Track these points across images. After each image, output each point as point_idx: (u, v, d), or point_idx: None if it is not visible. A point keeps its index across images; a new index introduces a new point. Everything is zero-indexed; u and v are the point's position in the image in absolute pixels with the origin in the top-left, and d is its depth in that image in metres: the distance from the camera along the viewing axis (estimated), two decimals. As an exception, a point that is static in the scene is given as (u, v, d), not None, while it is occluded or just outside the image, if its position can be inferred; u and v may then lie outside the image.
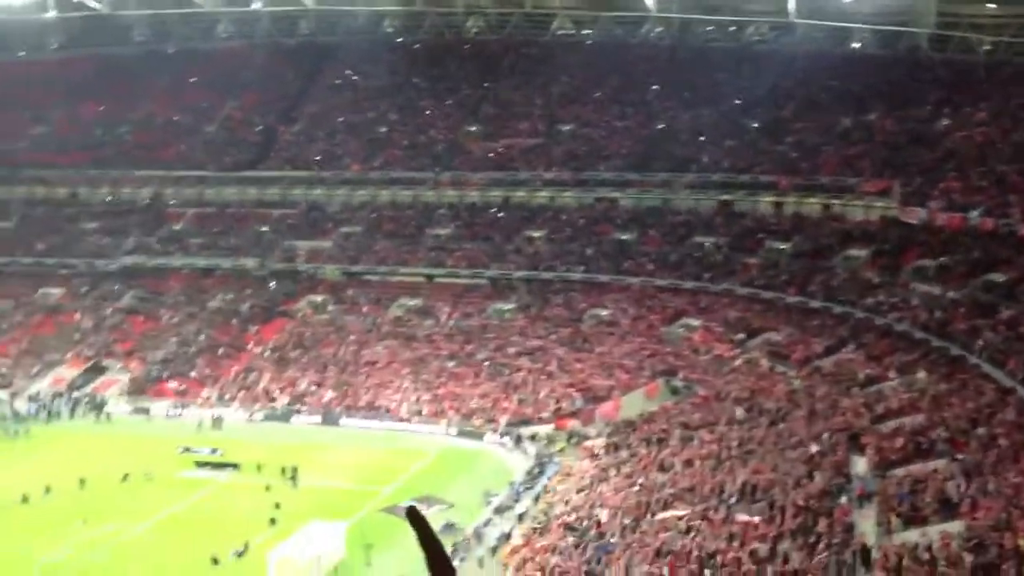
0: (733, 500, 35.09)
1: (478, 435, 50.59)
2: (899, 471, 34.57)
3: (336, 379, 56.57)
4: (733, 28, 67.96)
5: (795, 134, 63.94)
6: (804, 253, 57.94)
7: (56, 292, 67.31)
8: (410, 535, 4.57)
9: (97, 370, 59.73)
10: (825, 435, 40.73)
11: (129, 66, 79.82)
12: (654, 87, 70.23)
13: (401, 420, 52.60)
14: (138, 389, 57.69)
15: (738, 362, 51.72)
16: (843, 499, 33.93)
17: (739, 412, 45.84)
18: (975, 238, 51.34)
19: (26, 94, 78.51)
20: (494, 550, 36.16)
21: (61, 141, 77.13)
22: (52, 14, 69.94)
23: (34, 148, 76.76)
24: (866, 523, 32.17)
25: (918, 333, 47.30)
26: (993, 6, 50.58)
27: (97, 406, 55.47)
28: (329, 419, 53.32)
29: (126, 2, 69.02)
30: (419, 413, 52.97)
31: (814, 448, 39.36)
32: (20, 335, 63.36)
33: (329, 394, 55.40)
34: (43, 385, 58.06)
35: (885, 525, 31.01)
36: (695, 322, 56.34)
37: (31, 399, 56.07)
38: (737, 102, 64.75)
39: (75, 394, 56.89)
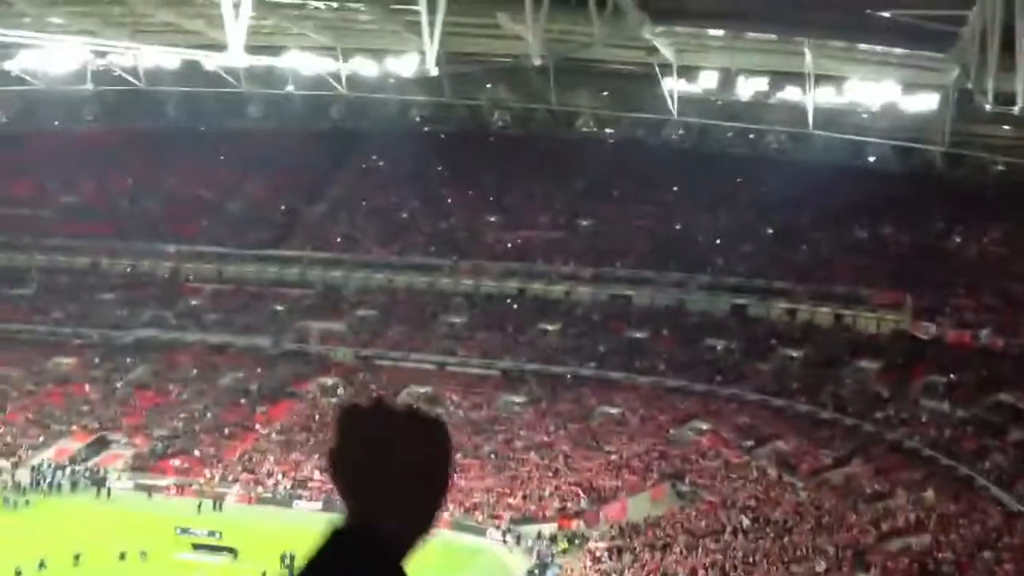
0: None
1: (480, 530, 50.08)
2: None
3: (341, 465, 56.23)
4: (752, 135, 68.85)
5: (810, 243, 64.42)
6: (815, 362, 57.87)
7: (68, 362, 67.57)
8: None
9: (102, 444, 59.63)
10: (831, 550, 40.28)
11: (160, 141, 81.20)
12: (673, 188, 71.03)
13: (403, 510, 52.08)
14: (141, 465, 57.50)
15: (746, 469, 51.32)
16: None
17: (745, 521, 45.42)
18: (985, 356, 51.32)
19: (57, 163, 79.82)
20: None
21: (87, 211, 78.26)
22: (89, 86, 71.41)
23: (60, 217, 77.82)
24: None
25: (927, 450, 47.02)
26: (1007, 128, 51.18)
27: (98, 481, 55.30)
28: (330, 506, 52.88)
29: (162, 78, 70.40)
30: (421, 504, 52.50)
31: (820, 563, 38.89)
32: (28, 404, 63.40)
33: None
34: (47, 456, 57.85)
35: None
36: (704, 425, 56.08)
37: (34, 470, 55.80)
38: (754, 208, 65.36)
39: (78, 467, 56.66)
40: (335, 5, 52.71)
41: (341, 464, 2.15)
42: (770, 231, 65.98)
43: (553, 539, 48.17)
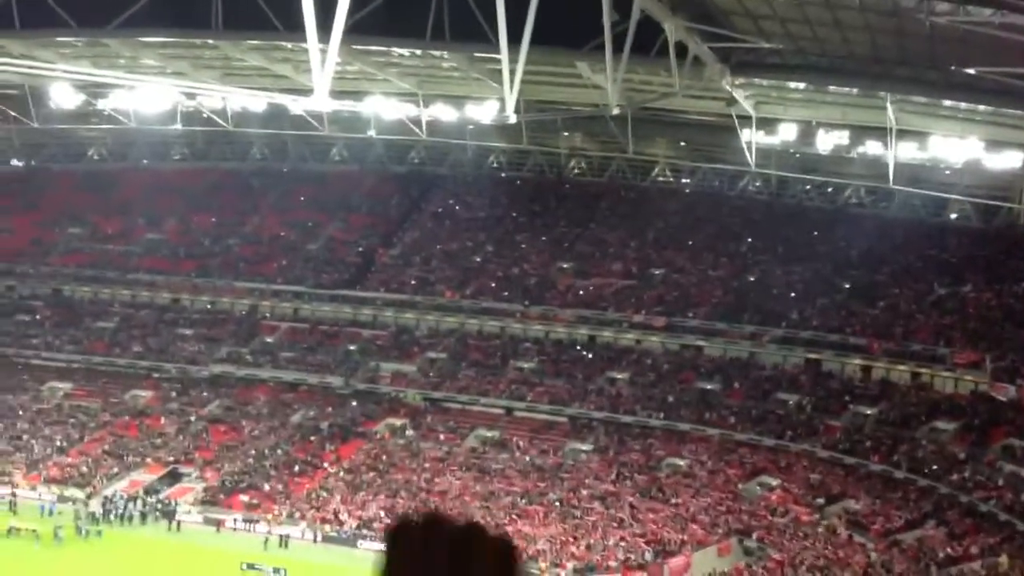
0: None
1: (543, 579, 49.77)
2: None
3: (406, 506, 56.51)
4: (831, 189, 68.34)
5: (888, 299, 63.34)
6: (890, 420, 56.68)
7: (145, 395, 69.09)
8: None
9: (174, 476, 60.67)
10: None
11: (244, 181, 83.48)
12: (748, 240, 70.60)
13: (467, 555, 52.00)
14: (211, 499, 58.33)
15: (815, 528, 50.30)
16: None
17: (812, 581, 44.54)
18: (1064, 420, 49.91)
19: (144, 201, 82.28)
20: None
21: (171, 248, 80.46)
22: (178, 126, 73.69)
23: (145, 253, 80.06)
24: None
25: (1003, 514, 45.62)
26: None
27: (168, 513, 56.21)
28: (395, 547, 52.98)
29: (249, 120, 72.37)
30: (485, 549, 52.37)
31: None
32: (104, 436, 64.79)
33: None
34: (120, 487, 59.01)
35: None
36: (774, 481, 55.17)
37: (106, 500, 56.89)
38: (831, 262, 64.67)
39: (149, 499, 57.61)
40: (419, 52, 53.84)
41: None
42: (847, 285, 65.07)
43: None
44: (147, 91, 62.86)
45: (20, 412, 66.82)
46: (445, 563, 1.96)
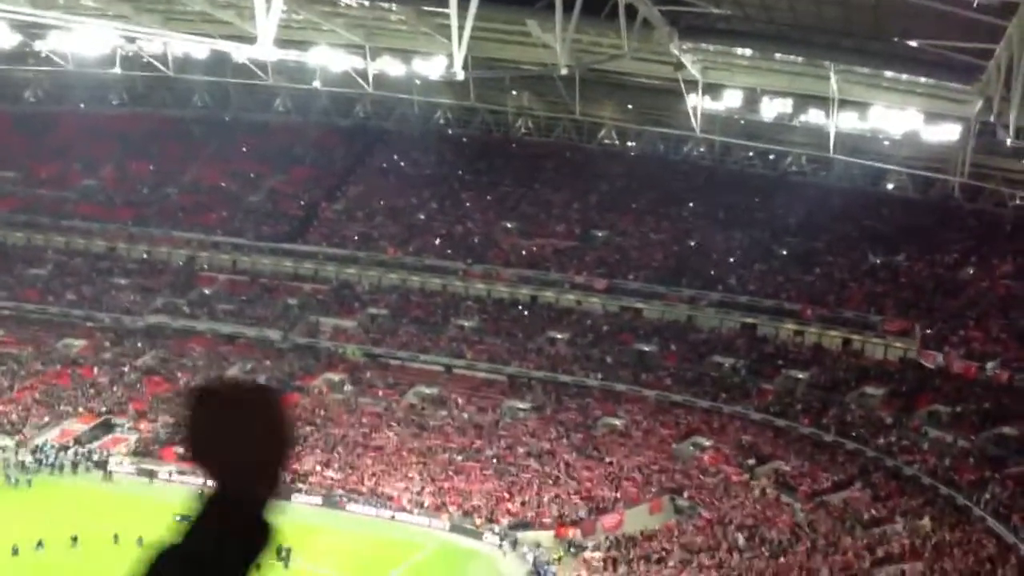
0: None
1: (477, 534, 50.29)
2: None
3: (342, 461, 56.64)
4: (772, 156, 68.94)
5: (823, 266, 64.46)
6: (821, 385, 57.89)
7: (78, 344, 68.11)
8: None
9: (106, 427, 60.06)
10: (824, 572, 40.31)
11: (185, 128, 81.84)
12: (690, 204, 71.18)
13: (402, 510, 52.43)
14: (144, 451, 57.94)
15: (745, 488, 51.34)
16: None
17: (741, 540, 45.48)
18: (990, 389, 51.35)
19: (81, 146, 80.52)
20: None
21: (108, 195, 78.88)
22: (117, 71, 71.91)
23: (81, 199, 78.37)
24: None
25: (926, 478, 46.94)
26: (1026, 163, 51.28)
27: (100, 464, 55.72)
28: (330, 502, 53.24)
29: (191, 67, 70.83)
30: (421, 505, 52.81)
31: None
32: (36, 384, 63.89)
33: (334, 475, 55.41)
34: (51, 436, 58.30)
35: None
36: (706, 442, 56.15)
37: (37, 449, 56.26)
38: (770, 229, 65.49)
39: (81, 449, 57.06)
40: (367, 3, 53.06)
41: (197, 441, 2.48)
42: (784, 252, 66.08)
43: (549, 546, 48.30)
44: (86, 33, 61.22)
45: (-51, 357, 65.52)
46: (238, 416, 2.46)
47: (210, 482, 2.48)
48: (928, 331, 56.41)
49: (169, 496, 51.30)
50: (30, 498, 49.45)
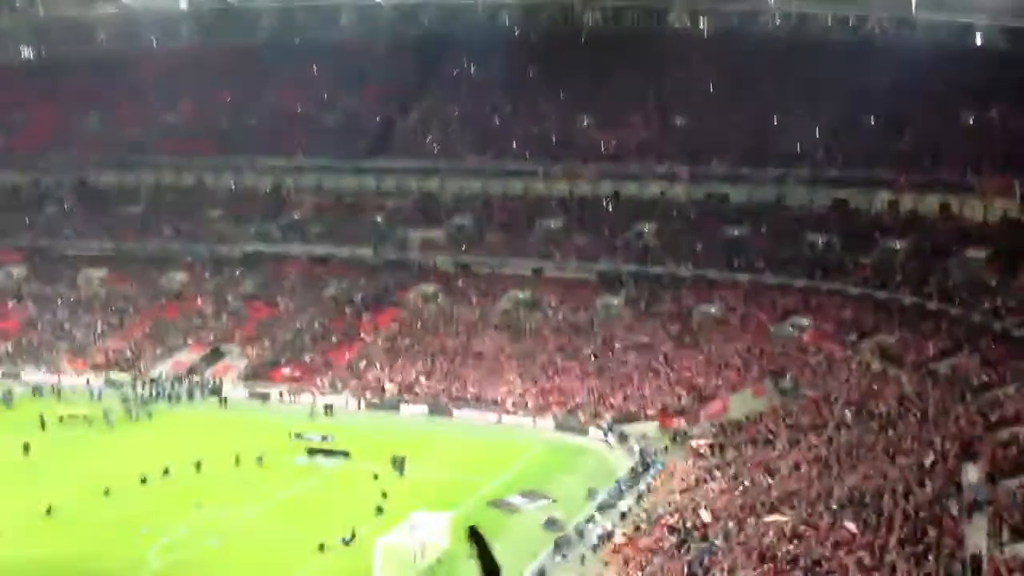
0: (840, 506, 34.68)
1: (583, 430, 50.98)
2: (1012, 482, 33.64)
3: (445, 370, 57.66)
4: (852, 22, 66.45)
5: (914, 130, 62.39)
6: (920, 253, 56.62)
7: (180, 277, 70.11)
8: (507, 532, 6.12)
9: (216, 355, 62.00)
10: (937, 442, 39.88)
11: (256, 57, 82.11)
12: (770, 81, 69.09)
13: (507, 412, 53.34)
14: (255, 375, 59.74)
15: (849, 364, 50.86)
16: (954, 508, 33.22)
17: (848, 415, 45.15)
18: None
19: (158, 83, 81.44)
20: (595, 548, 36.36)
21: (190, 129, 80.00)
22: (184, 5, 72.52)
23: (164, 136, 79.59)
24: (977, 534, 31.45)
25: (1036, 339, 45.82)
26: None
27: (215, 390, 57.66)
28: (437, 409, 54.43)
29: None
30: (525, 406, 53.64)
31: (925, 455, 38.56)
32: (144, 319, 66.19)
33: (437, 384, 56.51)
34: (165, 368, 60.43)
35: (996, 537, 30.26)
36: (805, 321, 55.65)
37: (153, 382, 58.36)
38: (855, 98, 63.45)
39: (194, 378, 59.08)
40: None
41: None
42: (872, 120, 64.04)
43: (655, 437, 48.75)
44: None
45: (59, 301, 68.10)
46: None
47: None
48: (1029, 188, 54.54)
49: (281, 416, 53.34)
50: (151, 429, 51.50)
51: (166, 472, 43.12)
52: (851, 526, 32.48)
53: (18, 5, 70.93)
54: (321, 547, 35.57)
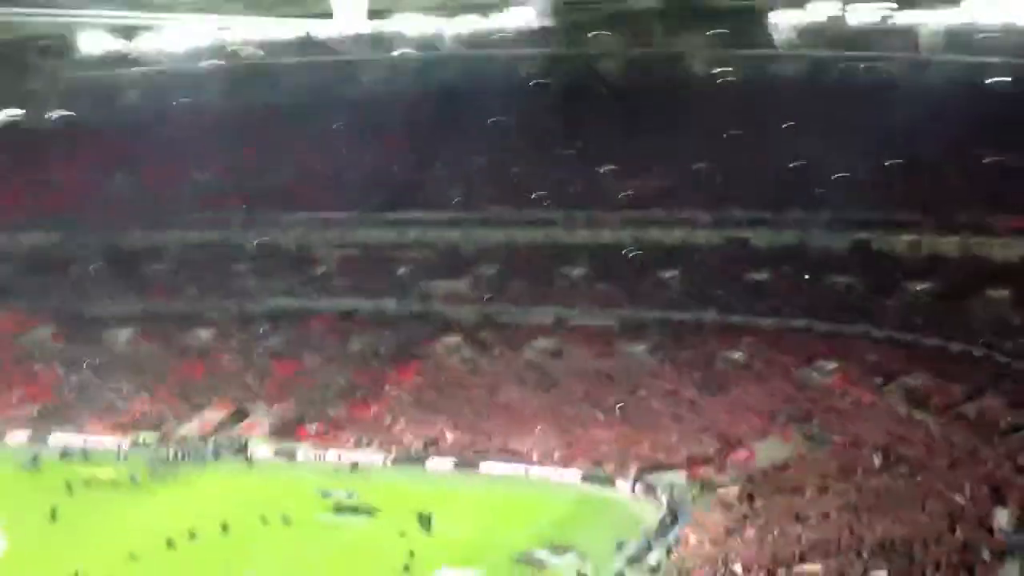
0: (871, 554, 34.43)
1: (610, 481, 50.76)
2: (1044, 526, 33.39)
3: (470, 422, 57.68)
4: (868, 63, 66.65)
5: (933, 171, 62.26)
6: (943, 294, 56.36)
7: (207, 334, 70.49)
8: None
9: (242, 413, 62.19)
10: (966, 486, 39.53)
11: (280, 112, 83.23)
12: (787, 124, 69.33)
13: (534, 464, 53.22)
14: (280, 432, 59.87)
15: (876, 408, 50.55)
16: (985, 554, 32.89)
17: (877, 460, 44.89)
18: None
19: (185, 140, 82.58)
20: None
21: (217, 186, 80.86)
22: (212, 62, 73.71)
23: (191, 193, 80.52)
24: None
25: (1062, 379, 45.45)
26: None
27: (240, 449, 57.84)
28: (463, 463, 54.40)
29: (279, 50, 72.12)
30: (551, 457, 53.49)
31: (955, 501, 38.28)
32: (171, 379, 66.45)
33: (463, 437, 56.50)
34: (191, 428, 60.68)
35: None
36: (831, 365, 55.33)
37: (179, 442, 58.66)
38: (872, 139, 63.58)
39: (220, 437, 59.26)
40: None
41: None
42: (891, 162, 64.01)
43: (683, 487, 48.42)
44: (177, 29, 62.59)
45: (86, 363, 68.45)
46: None
47: None
48: (1051, 226, 54.29)
49: (308, 473, 53.45)
50: (178, 490, 51.63)
51: (192, 535, 43.24)
52: (882, 574, 32.27)
53: (48, 68, 72.45)
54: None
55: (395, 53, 71.19)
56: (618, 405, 56.57)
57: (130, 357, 69.33)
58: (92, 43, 64.04)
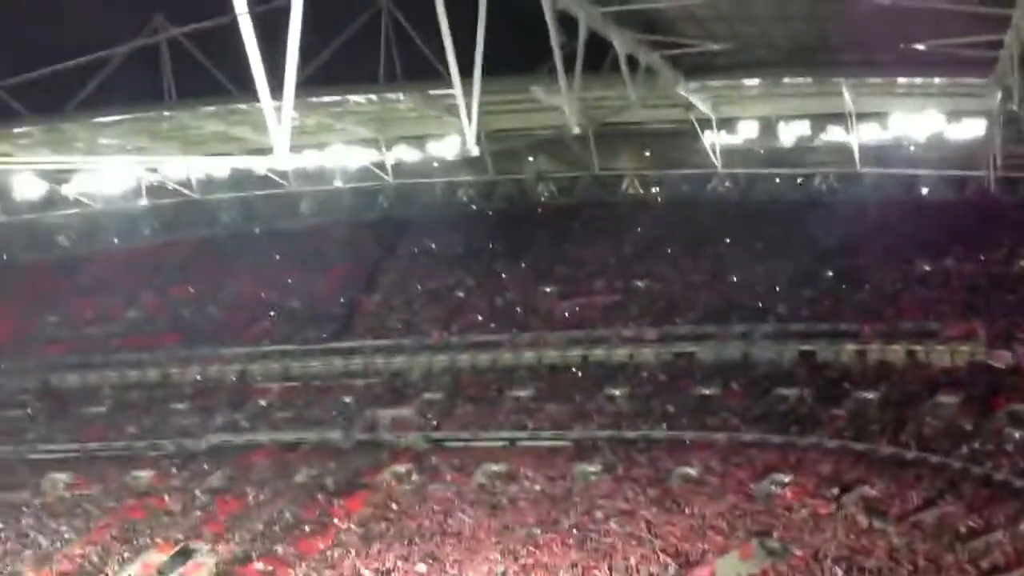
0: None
1: (568, 607, 49.26)
2: (1013, 634, 32.76)
3: (422, 552, 55.95)
4: (800, 180, 68.41)
5: (873, 281, 63.45)
6: (892, 402, 56.59)
7: (146, 475, 68.30)
8: None
9: (185, 554, 59.84)
10: (931, 595, 39.00)
11: (217, 248, 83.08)
12: (726, 240, 70.57)
13: (489, 594, 51.57)
14: (226, 572, 57.57)
15: (834, 518, 50.01)
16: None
17: (839, 573, 44.25)
18: (1068, 379, 49.92)
19: (120, 280, 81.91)
20: None
21: (153, 324, 79.88)
22: (144, 202, 73.28)
23: (127, 332, 79.45)
24: None
25: (1018, 481, 45.52)
26: (1061, 149, 50.47)
27: (183, 592, 55.63)
28: (415, 597, 52.57)
29: (215, 187, 72.08)
30: (508, 585, 51.90)
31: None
32: (111, 521, 63.99)
33: (417, 568, 54.73)
34: (133, 571, 58.16)
35: None
36: (786, 478, 54.80)
37: (120, 587, 56.37)
38: (811, 252, 64.88)
39: (164, 579, 57.06)
40: (374, 97, 53.74)
41: None
42: (830, 273, 65.16)
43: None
44: (109, 171, 62.49)
45: (23, 508, 66.19)
46: None
47: None
48: (992, 330, 55.19)
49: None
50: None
51: None
52: None
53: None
54: None
55: (334, 185, 71.56)
56: (574, 528, 55.28)
57: (68, 501, 66.87)
58: (25, 187, 63.59)
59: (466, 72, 32.47)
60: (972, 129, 50.82)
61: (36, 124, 53.14)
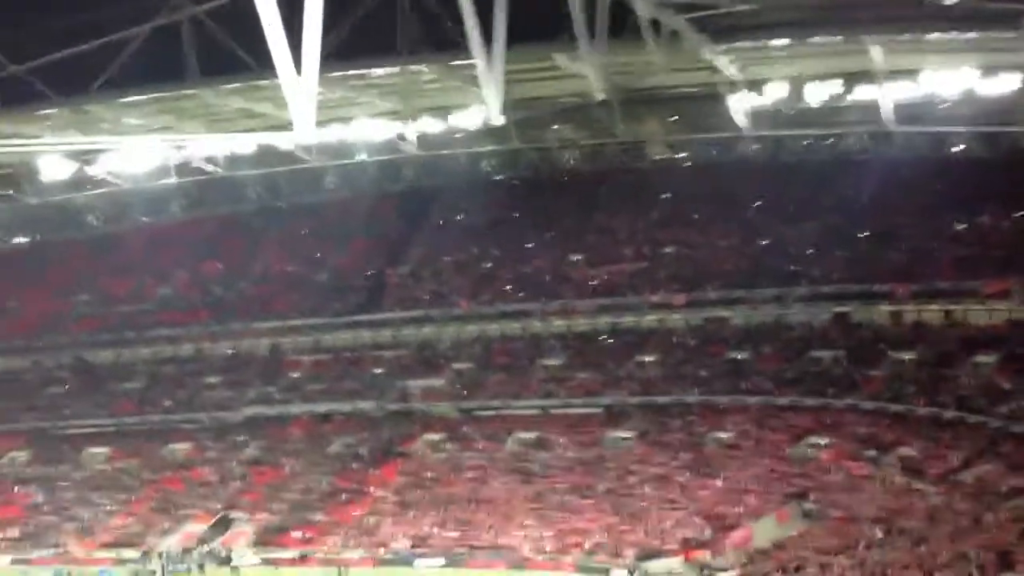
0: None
1: (603, 571, 49.43)
2: (1055, 591, 32.57)
3: (457, 519, 56.33)
4: (830, 140, 67.47)
5: (907, 240, 62.67)
6: (929, 362, 56.13)
7: (183, 447, 69.37)
8: None
9: (225, 523, 60.75)
10: (972, 554, 38.80)
11: (245, 223, 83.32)
12: (755, 204, 69.89)
13: (524, 559, 51.86)
14: (265, 540, 58.43)
15: (871, 480, 49.83)
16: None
17: (878, 533, 44.05)
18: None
19: (150, 258, 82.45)
20: None
21: (185, 300, 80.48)
22: (172, 180, 73.44)
23: (159, 309, 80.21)
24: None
25: (1058, 439, 45.10)
26: (1093, 102, 49.34)
27: (225, 560, 56.58)
28: (452, 561, 53.04)
29: (240, 163, 72.07)
30: (542, 551, 52.14)
31: (961, 569, 37.50)
32: (150, 493, 65.19)
33: (451, 535, 55.14)
34: (173, 542, 59.18)
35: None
36: (822, 440, 54.66)
37: (162, 556, 57.31)
38: (843, 213, 64.08)
39: (204, 549, 57.88)
40: (396, 70, 53.38)
41: None
42: (863, 234, 64.39)
43: (681, 572, 47.27)
44: (136, 150, 62.60)
45: (64, 482, 67.46)
46: None
47: None
48: (1029, 287, 54.49)
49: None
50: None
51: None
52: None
53: (11, 194, 72.16)
54: None
55: (357, 158, 71.35)
56: (607, 492, 55.40)
57: (108, 474, 67.94)
58: (53, 169, 63.89)
59: (487, 41, 32.16)
60: (1006, 84, 49.83)
61: (62, 106, 53.29)
